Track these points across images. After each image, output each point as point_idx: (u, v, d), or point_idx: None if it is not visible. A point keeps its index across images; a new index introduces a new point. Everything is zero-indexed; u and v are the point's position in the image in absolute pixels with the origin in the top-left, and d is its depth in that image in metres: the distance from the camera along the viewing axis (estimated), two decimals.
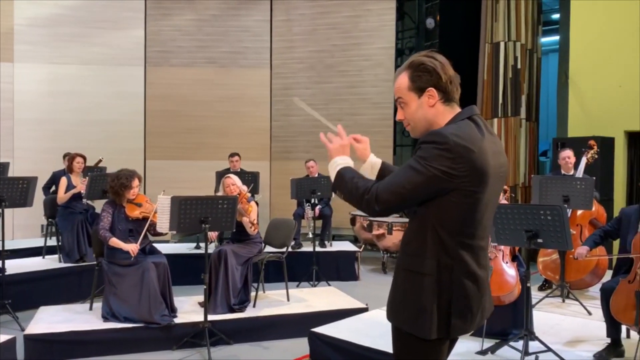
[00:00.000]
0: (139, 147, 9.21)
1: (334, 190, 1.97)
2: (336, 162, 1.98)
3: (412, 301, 1.85)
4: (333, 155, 2.01)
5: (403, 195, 1.79)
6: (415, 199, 1.82)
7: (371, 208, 1.82)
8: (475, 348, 3.84)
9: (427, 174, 1.75)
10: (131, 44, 9.19)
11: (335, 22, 9.26)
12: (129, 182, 4.72)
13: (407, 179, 1.78)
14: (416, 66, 1.89)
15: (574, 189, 5.17)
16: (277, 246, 5.66)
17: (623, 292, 3.67)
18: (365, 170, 2.13)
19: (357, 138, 2.12)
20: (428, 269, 1.83)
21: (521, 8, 8.25)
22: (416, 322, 1.84)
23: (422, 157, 1.77)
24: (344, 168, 1.95)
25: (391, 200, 1.80)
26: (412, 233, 1.90)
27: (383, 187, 1.81)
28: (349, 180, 1.90)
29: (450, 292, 1.82)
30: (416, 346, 1.87)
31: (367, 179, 1.91)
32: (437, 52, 1.93)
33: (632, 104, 7.60)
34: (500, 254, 4.28)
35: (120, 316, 4.48)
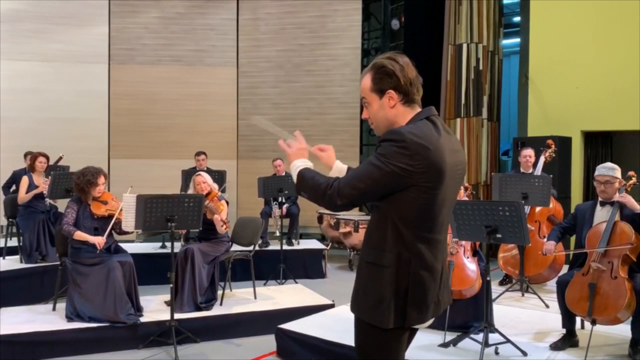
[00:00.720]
0: (103, 145, 9.07)
1: (298, 193, 2.04)
2: (295, 164, 2.06)
3: (372, 292, 1.93)
4: (292, 159, 2.08)
5: (363, 190, 1.86)
6: (375, 193, 1.89)
7: (333, 203, 1.89)
8: (438, 341, 3.95)
9: (386, 170, 1.83)
10: (95, 41, 9.04)
11: (302, 22, 9.31)
12: (95, 179, 4.68)
13: (367, 174, 1.86)
14: (377, 68, 1.97)
15: (532, 186, 5.35)
16: (245, 245, 5.68)
17: (577, 284, 3.84)
18: (332, 176, 2.19)
19: (321, 148, 2.22)
20: (387, 262, 1.90)
21: (483, 11, 8.46)
22: (375, 312, 1.91)
23: (382, 155, 1.85)
24: (304, 169, 2.02)
25: (352, 194, 1.87)
26: (373, 227, 1.98)
27: (344, 182, 1.89)
28: (309, 179, 1.97)
29: (407, 284, 1.90)
30: (376, 335, 1.94)
31: (327, 176, 1.97)
32: (400, 54, 2.00)
33: (588, 105, 7.89)
34: (462, 249, 4.42)
35: (84, 316, 4.44)
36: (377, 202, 1.94)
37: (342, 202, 1.88)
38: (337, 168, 2.20)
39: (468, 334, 3.93)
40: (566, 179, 7.49)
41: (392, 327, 1.90)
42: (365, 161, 1.92)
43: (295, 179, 2.03)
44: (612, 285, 3.68)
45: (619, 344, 3.89)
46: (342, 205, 1.89)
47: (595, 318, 3.68)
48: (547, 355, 3.75)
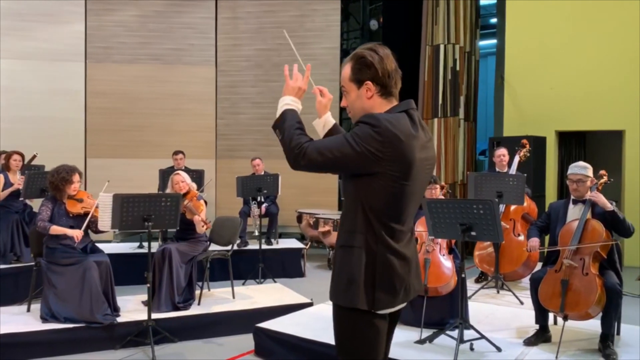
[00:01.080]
0: (79, 145, 8.97)
1: (273, 128, 2.03)
2: (285, 100, 2.07)
3: (344, 273, 1.96)
4: (286, 92, 2.09)
5: (329, 160, 1.88)
6: (339, 167, 1.93)
7: (297, 161, 1.91)
8: (414, 337, 3.99)
9: (356, 149, 1.86)
10: (71, 39, 8.93)
11: (282, 21, 9.31)
12: (70, 176, 4.63)
13: (339, 147, 1.88)
14: (357, 59, 2.00)
15: (507, 185, 5.44)
16: (223, 244, 5.67)
17: (550, 281, 3.91)
18: (317, 124, 2.23)
19: (323, 91, 2.22)
20: (358, 242, 1.94)
21: (460, 12, 8.56)
22: (346, 293, 1.94)
23: (357, 134, 1.88)
24: (289, 109, 2.03)
25: (317, 160, 1.89)
26: (346, 211, 2.02)
27: (314, 146, 1.90)
28: (289, 126, 1.97)
29: (374, 266, 1.93)
30: (348, 319, 1.96)
31: (304, 133, 1.97)
32: (382, 46, 2.02)
33: (562, 106, 8.04)
34: (438, 247, 4.47)
35: (60, 317, 4.39)
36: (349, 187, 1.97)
37: (305, 163, 1.90)
38: (325, 119, 2.21)
39: (444, 331, 3.98)
40: (541, 177, 7.62)
41: (361, 307, 1.92)
42: (343, 134, 1.95)
43: (278, 113, 2.03)
44: (584, 281, 3.76)
45: (589, 339, 3.98)
46: (304, 166, 1.90)
47: (567, 314, 3.75)
48: (520, 350, 3.82)
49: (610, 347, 3.70)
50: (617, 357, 3.64)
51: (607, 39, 7.84)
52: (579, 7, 7.97)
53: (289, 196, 8.47)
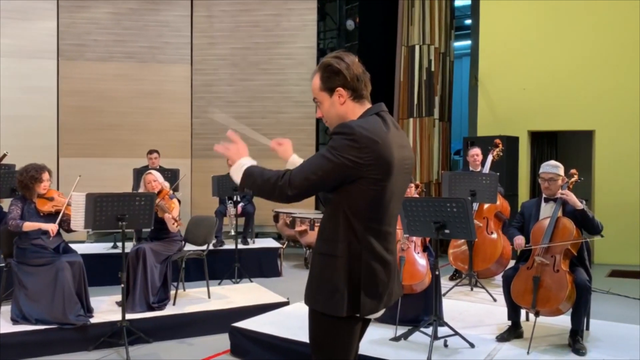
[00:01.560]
0: (52, 144, 8.81)
1: (241, 189, 2.05)
2: (241, 163, 2.06)
3: (326, 282, 1.97)
4: (236, 159, 2.08)
5: (314, 181, 1.91)
6: (326, 185, 1.95)
7: (284, 194, 1.92)
8: (389, 335, 4.03)
9: (336, 162, 1.88)
10: (42, 36, 8.76)
11: (257, 20, 9.29)
12: (39, 174, 4.55)
13: (319, 166, 1.91)
14: (324, 68, 2.03)
15: (480, 184, 5.52)
16: (198, 244, 5.63)
17: (522, 277, 3.99)
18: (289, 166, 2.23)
19: (279, 142, 2.25)
20: (340, 252, 1.95)
21: (435, 13, 8.66)
22: (330, 301, 1.96)
23: (333, 147, 1.91)
24: (251, 166, 2.04)
25: (303, 185, 1.91)
26: (326, 219, 2.04)
27: (296, 173, 1.93)
28: (258, 174, 1.99)
29: (359, 273, 1.95)
30: (329, 325, 1.99)
31: (275, 170, 1.99)
32: (346, 53, 2.06)
33: (535, 106, 8.19)
34: (412, 245, 4.52)
35: (31, 318, 4.31)
36: (329, 194, 1.99)
37: (293, 192, 1.91)
38: (293, 161, 2.22)
39: (418, 328, 4.02)
40: (514, 177, 7.75)
41: (346, 315, 1.94)
42: (317, 153, 1.97)
43: (239, 178, 2.02)
44: (555, 278, 3.84)
45: (560, 334, 4.06)
46: (293, 195, 1.92)
47: (539, 310, 3.83)
48: (493, 346, 3.89)
49: (579, 342, 3.78)
50: (586, 352, 3.73)
51: (578, 41, 8.01)
52: (551, 9, 8.13)
53: None
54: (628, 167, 7.78)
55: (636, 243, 7.64)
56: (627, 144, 7.81)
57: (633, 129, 7.78)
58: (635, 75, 7.79)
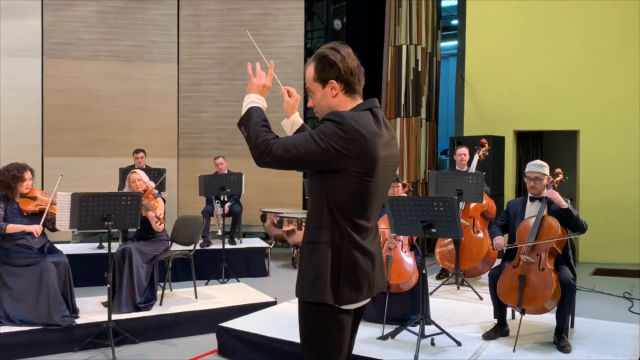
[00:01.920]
0: (36, 143, 8.72)
1: (238, 125, 2.04)
2: (250, 98, 2.08)
3: (311, 269, 1.98)
4: (251, 90, 2.10)
5: (294, 156, 1.91)
6: (304, 163, 1.96)
7: (262, 158, 1.92)
8: (376, 334, 4.04)
9: (322, 146, 1.89)
10: (27, 34, 8.66)
11: (245, 19, 9.27)
12: (21, 173, 4.49)
13: (304, 144, 1.91)
14: (320, 58, 2.03)
15: (467, 183, 5.56)
16: (185, 244, 5.61)
17: (508, 276, 4.02)
18: (286, 125, 2.25)
19: (290, 92, 2.24)
20: (324, 238, 1.97)
21: (422, 13, 8.70)
22: (313, 288, 1.96)
23: (322, 131, 1.91)
24: (255, 107, 2.04)
25: (283, 157, 1.91)
26: (311, 208, 2.04)
27: (280, 143, 1.92)
28: (254, 123, 1.98)
29: (340, 262, 1.96)
30: (317, 316, 1.99)
31: (270, 130, 1.98)
32: (343, 45, 2.06)
33: (520, 106, 8.26)
34: (400, 244, 4.54)
35: (15, 319, 4.26)
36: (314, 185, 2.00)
37: (270, 159, 1.91)
38: (293, 119, 2.23)
39: (405, 326, 4.04)
40: (500, 176, 7.81)
41: (327, 302, 1.94)
42: (306, 132, 1.98)
43: (243, 111, 2.04)
44: (540, 276, 3.87)
45: (545, 332, 4.10)
46: (269, 162, 1.92)
47: (525, 308, 3.86)
48: (479, 344, 3.91)
49: (564, 340, 3.82)
50: (570, 349, 3.77)
51: (564, 42, 8.09)
52: (537, 10, 8.20)
53: (253, 195, 8.43)
54: (612, 166, 7.88)
55: (620, 242, 7.74)
56: (611, 143, 7.91)
57: (617, 129, 7.88)
58: (619, 76, 7.89)
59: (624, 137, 7.85)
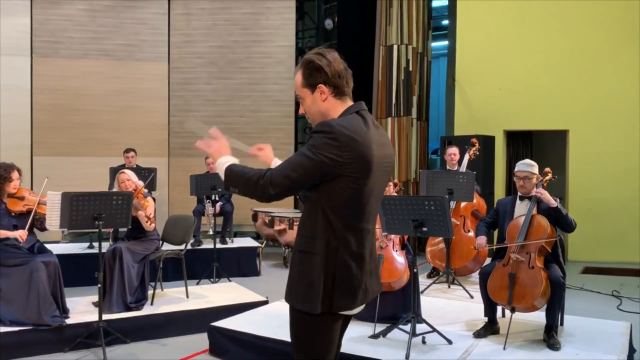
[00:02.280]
0: (25, 142, 8.65)
1: (227, 189, 2.06)
2: (221, 162, 2.08)
3: (303, 279, 1.99)
4: (216, 158, 2.10)
5: (295, 179, 1.92)
6: (306, 183, 1.96)
7: (266, 192, 1.93)
8: (368, 332, 4.05)
9: (316, 160, 1.90)
10: (15, 32, 8.59)
11: (236, 19, 9.25)
12: (8, 174, 4.45)
13: (299, 164, 1.92)
14: (306, 64, 2.04)
15: (457, 182, 5.59)
16: (176, 243, 5.59)
17: (498, 274, 4.04)
18: None
19: (259, 147, 2.29)
20: (317, 249, 1.97)
21: (413, 13, 8.72)
22: (305, 298, 1.98)
23: (313, 145, 1.92)
24: (231, 165, 2.05)
25: (284, 183, 1.92)
26: (305, 216, 2.05)
27: (277, 172, 1.94)
28: (239, 173, 2.00)
29: (334, 271, 1.97)
30: (306, 322, 2.00)
31: (257, 168, 2.00)
32: (329, 49, 2.08)
33: (510, 106, 8.32)
34: (391, 243, 4.56)
35: (5, 320, 4.22)
36: (308, 192, 2.01)
37: (274, 191, 1.93)
38: (275, 164, 2.23)
39: (396, 325, 4.05)
40: (490, 175, 7.86)
41: (320, 312, 1.96)
42: (298, 152, 1.99)
43: (222, 176, 2.04)
44: (530, 274, 3.90)
45: (535, 330, 4.14)
46: (274, 194, 1.93)
47: (515, 306, 3.89)
48: (470, 342, 3.93)
49: (554, 338, 3.86)
50: (560, 347, 3.80)
51: (553, 43, 8.15)
52: (527, 11, 8.26)
53: None
54: (601, 166, 7.95)
55: (609, 241, 7.82)
56: (600, 143, 7.98)
57: (606, 129, 7.96)
58: (608, 77, 7.96)
59: (613, 136, 7.93)
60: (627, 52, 7.89)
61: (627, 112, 7.88)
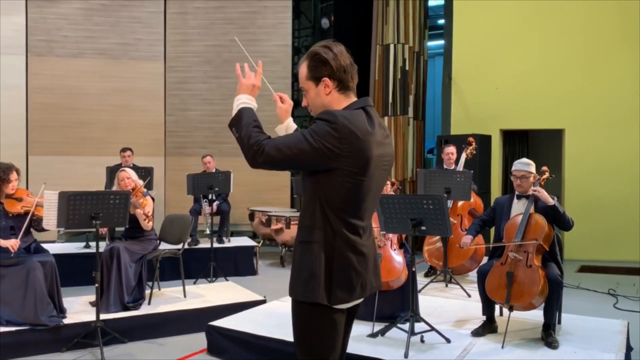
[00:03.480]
0: (21, 142, 8.60)
1: (229, 126, 2.02)
2: (241, 99, 2.06)
3: (304, 269, 1.98)
4: (240, 91, 2.08)
5: (287, 157, 1.90)
6: (297, 164, 1.95)
7: (255, 158, 1.91)
8: (366, 331, 4.05)
9: (314, 145, 1.88)
10: (10, 31, 8.53)
11: (232, 18, 9.23)
12: (7, 175, 4.43)
13: (296, 144, 1.90)
14: (312, 56, 2.02)
15: (455, 181, 5.60)
16: (173, 242, 5.57)
17: (496, 273, 4.05)
18: (280, 130, 2.23)
19: (283, 98, 2.24)
20: (316, 238, 1.96)
21: (409, 12, 8.74)
22: (306, 288, 1.96)
23: (314, 131, 1.90)
24: (246, 107, 2.02)
25: (275, 157, 1.90)
26: (304, 207, 2.04)
27: (272, 143, 1.91)
28: (246, 124, 1.97)
29: (332, 262, 1.96)
30: (309, 315, 1.99)
31: (262, 131, 1.97)
32: (335, 43, 2.05)
33: (506, 105, 8.34)
34: (389, 242, 4.56)
35: (1, 320, 4.20)
36: (307, 184, 2.00)
37: (263, 160, 1.90)
38: (287, 124, 2.21)
39: (395, 324, 4.06)
40: (486, 174, 7.87)
41: (320, 302, 1.94)
42: (298, 131, 1.97)
43: (233, 112, 2.02)
44: (527, 273, 3.91)
45: (533, 329, 4.15)
46: (262, 163, 1.91)
47: (513, 305, 3.90)
48: (468, 341, 3.94)
49: (552, 336, 3.87)
50: (558, 345, 3.81)
51: (549, 42, 8.18)
52: (522, 9, 8.27)
53: (241, 194, 8.41)
54: (597, 164, 7.98)
55: (604, 239, 7.85)
56: (596, 142, 8.01)
57: (601, 128, 7.98)
58: (604, 76, 7.99)
59: (608, 135, 7.96)
60: (623, 52, 7.92)
61: (622, 111, 7.91)
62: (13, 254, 4.29)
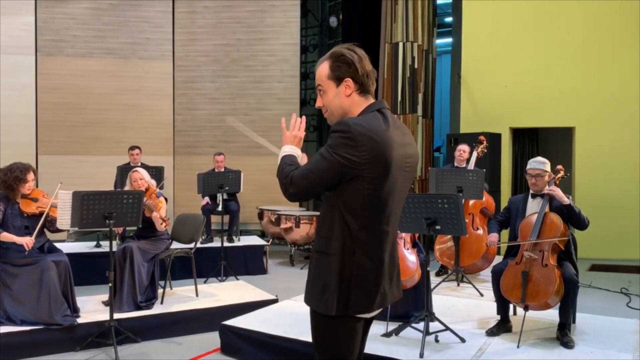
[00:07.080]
0: (30, 141, 8.64)
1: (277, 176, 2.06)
2: (284, 150, 2.09)
3: (319, 280, 1.97)
4: (285, 142, 2.12)
5: (313, 181, 1.91)
6: (324, 183, 1.93)
7: (288, 191, 1.95)
8: (380, 331, 4.04)
9: (332, 160, 1.87)
10: (20, 31, 8.58)
11: (240, 17, 9.23)
12: (24, 175, 4.44)
13: (316, 165, 1.91)
14: (337, 57, 2.00)
15: (467, 180, 5.57)
16: (186, 242, 5.57)
17: (511, 273, 4.03)
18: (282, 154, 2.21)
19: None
20: (333, 250, 1.94)
21: (418, 10, 8.71)
22: (320, 300, 1.95)
23: (330, 146, 1.90)
24: (286, 155, 2.06)
25: (302, 184, 1.91)
26: (323, 217, 2.01)
27: (298, 172, 1.94)
28: (282, 165, 2.01)
29: (350, 272, 1.93)
30: (324, 324, 1.98)
31: (297, 166, 2.00)
32: (358, 46, 2.04)
33: (516, 103, 8.30)
34: (402, 242, 4.54)
35: (16, 319, 4.22)
36: (327, 192, 1.98)
37: (293, 190, 1.93)
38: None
39: (409, 323, 4.05)
40: (496, 173, 7.84)
41: (335, 314, 1.93)
42: (318, 152, 1.96)
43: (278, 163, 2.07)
44: (543, 272, 3.89)
45: (548, 328, 4.13)
46: (294, 193, 1.93)
47: (528, 304, 3.88)
48: (483, 340, 3.93)
49: (567, 335, 3.85)
50: (574, 345, 3.79)
51: (559, 39, 8.13)
52: (532, 7, 8.23)
53: (250, 193, 8.42)
54: (607, 163, 7.94)
55: (616, 238, 7.80)
56: (606, 140, 7.96)
57: (612, 126, 7.94)
58: (614, 74, 7.94)
59: (618, 133, 7.91)
60: (632, 50, 7.86)
61: (632, 109, 7.86)
62: (27, 252, 4.30)
